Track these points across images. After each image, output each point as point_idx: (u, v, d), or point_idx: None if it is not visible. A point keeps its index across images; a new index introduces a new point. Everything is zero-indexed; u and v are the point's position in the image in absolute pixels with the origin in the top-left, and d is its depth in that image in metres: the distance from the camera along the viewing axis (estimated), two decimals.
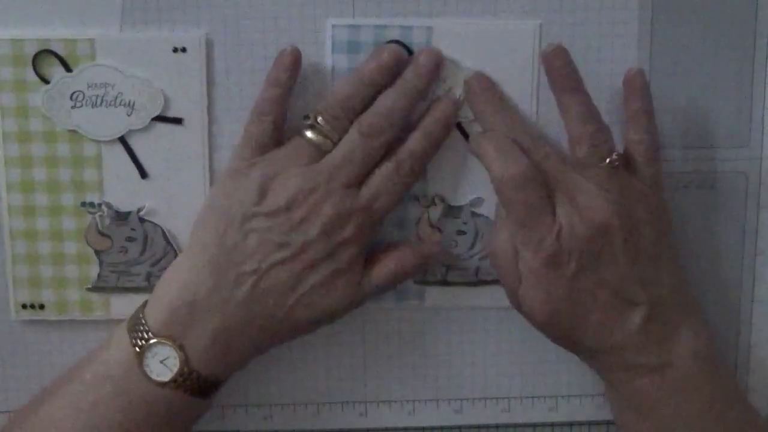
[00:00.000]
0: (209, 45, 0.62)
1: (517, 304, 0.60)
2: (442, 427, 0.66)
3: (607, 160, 0.58)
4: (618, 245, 0.57)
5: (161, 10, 0.61)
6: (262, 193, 0.58)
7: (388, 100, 0.59)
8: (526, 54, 0.61)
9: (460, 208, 0.63)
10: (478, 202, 0.63)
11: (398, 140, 0.60)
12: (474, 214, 0.63)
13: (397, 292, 0.64)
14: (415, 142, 0.60)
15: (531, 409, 0.66)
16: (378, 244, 0.62)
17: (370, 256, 0.61)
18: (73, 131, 0.62)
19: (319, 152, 0.59)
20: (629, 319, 0.57)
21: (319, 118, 0.59)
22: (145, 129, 0.62)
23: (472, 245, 0.63)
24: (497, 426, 0.66)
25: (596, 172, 0.58)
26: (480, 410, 0.66)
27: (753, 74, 0.62)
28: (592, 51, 0.61)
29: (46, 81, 0.62)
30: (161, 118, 0.62)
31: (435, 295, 0.64)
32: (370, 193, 0.59)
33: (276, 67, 0.60)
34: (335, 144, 0.59)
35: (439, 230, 0.63)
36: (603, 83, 0.62)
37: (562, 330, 0.58)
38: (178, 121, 0.62)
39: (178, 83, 0.62)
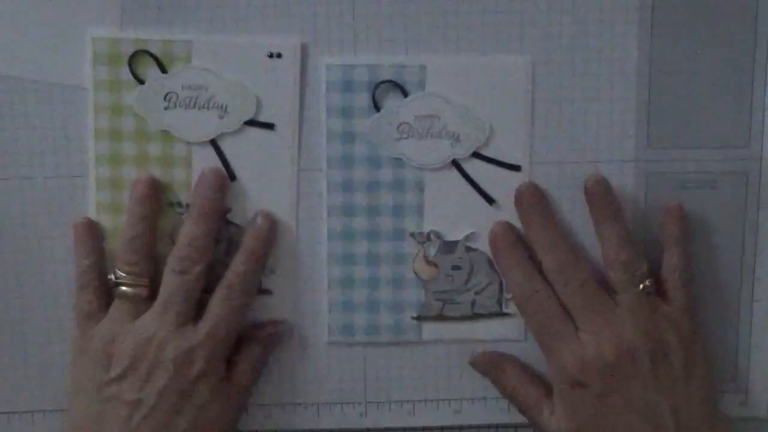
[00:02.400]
0: (304, 52, 0.61)
1: (541, 427, 0.61)
2: (442, 427, 0.66)
3: (641, 286, 0.59)
4: (646, 370, 0.58)
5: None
6: (107, 362, 0.59)
7: (187, 231, 0.60)
8: (519, 90, 0.61)
9: (455, 243, 0.63)
10: (472, 236, 0.63)
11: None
12: (468, 249, 0.63)
13: (394, 328, 0.64)
14: (239, 263, 0.61)
15: None
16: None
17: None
18: (165, 132, 0.62)
19: (139, 302, 0.60)
20: None
21: (119, 273, 0.60)
22: (236, 132, 0.62)
23: (468, 279, 0.63)
24: (497, 426, 0.66)
25: (628, 297, 0.59)
26: (480, 410, 0.66)
27: (753, 74, 0.62)
28: (592, 51, 0.61)
29: (141, 81, 0.62)
30: (253, 123, 0.62)
31: (432, 329, 0.64)
32: (209, 324, 0.60)
33: (76, 243, 0.61)
34: (148, 287, 0.60)
35: (435, 265, 0.63)
36: (603, 84, 0.62)
37: None
38: (269, 126, 0.62)
39: (271, 88, 0.62)
